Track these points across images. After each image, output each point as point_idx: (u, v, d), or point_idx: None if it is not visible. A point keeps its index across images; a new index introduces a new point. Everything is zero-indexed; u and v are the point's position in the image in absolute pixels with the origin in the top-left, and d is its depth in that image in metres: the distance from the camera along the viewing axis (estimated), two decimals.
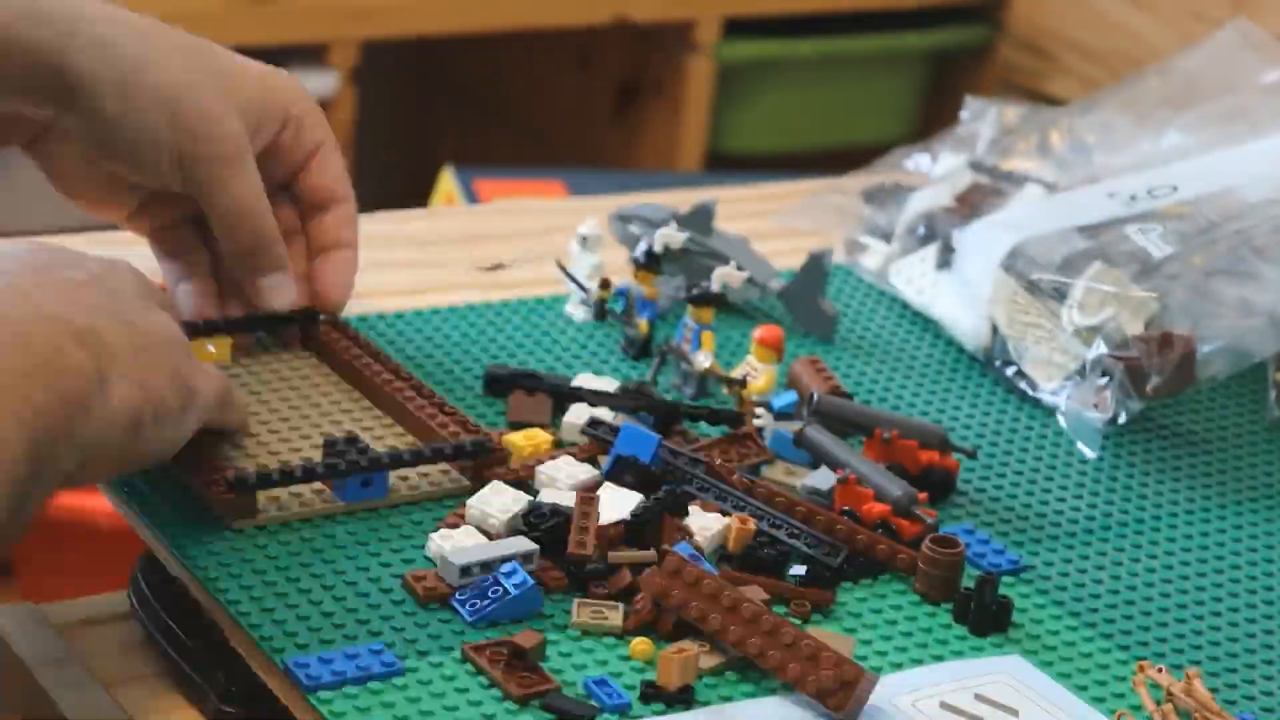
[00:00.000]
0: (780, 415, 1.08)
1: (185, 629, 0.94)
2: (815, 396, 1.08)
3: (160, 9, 2.31)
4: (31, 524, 0.82)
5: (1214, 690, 0.93)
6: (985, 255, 1.22)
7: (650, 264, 1.18)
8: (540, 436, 1.04)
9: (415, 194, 2.78)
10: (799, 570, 0.95)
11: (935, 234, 1.28)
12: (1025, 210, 1.27)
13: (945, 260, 1.26)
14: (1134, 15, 2.66)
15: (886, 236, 1.33)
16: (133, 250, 1.08)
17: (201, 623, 0.93)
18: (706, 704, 0.87)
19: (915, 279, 1.27)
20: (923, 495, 1.01)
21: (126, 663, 0.95)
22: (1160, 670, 0.92)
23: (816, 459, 1.05)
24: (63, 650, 0.95)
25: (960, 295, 1.23)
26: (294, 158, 1.08)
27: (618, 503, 0.96)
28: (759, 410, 1.08)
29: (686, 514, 0.97)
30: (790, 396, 1.09)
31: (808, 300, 1.24)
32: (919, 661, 0.92)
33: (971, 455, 1.08)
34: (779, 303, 1.26)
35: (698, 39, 2.70)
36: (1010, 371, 1.19)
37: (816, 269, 1.23)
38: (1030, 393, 1.17)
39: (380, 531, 0.97)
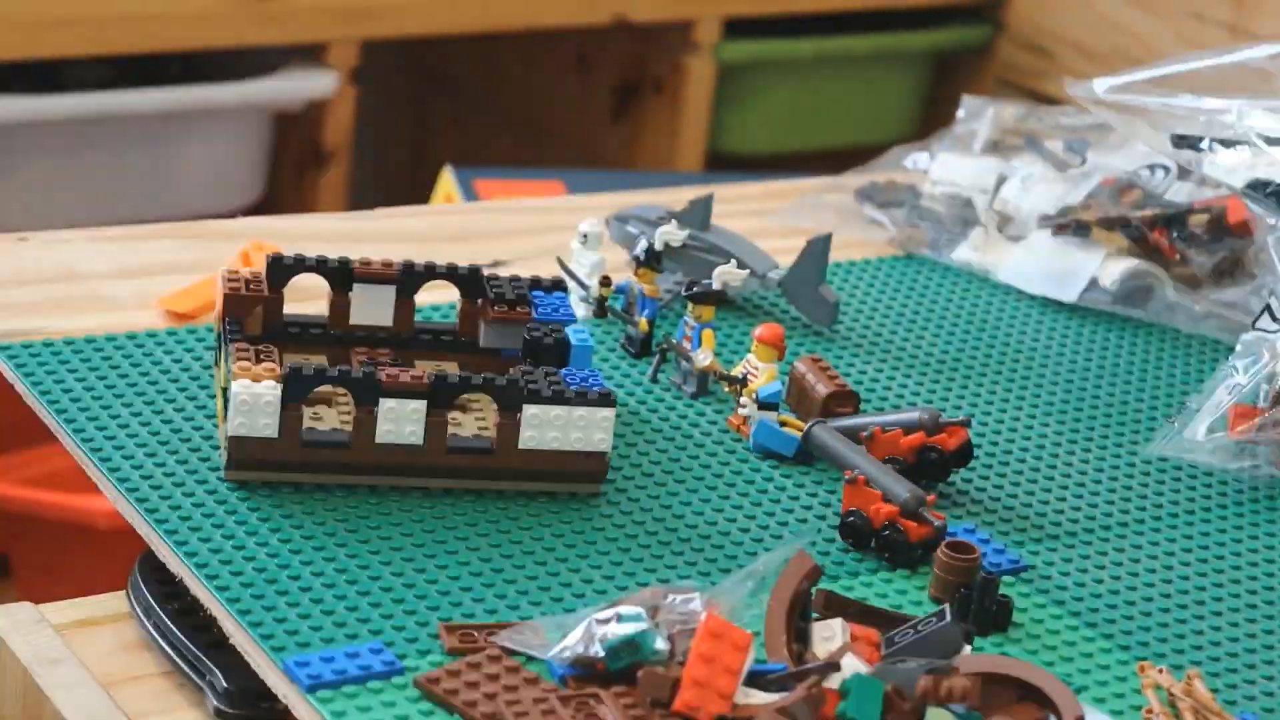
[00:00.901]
0: (765, 404, 1.08)
1: (184, 629, 0.94)
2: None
3: (160, 9, 2.32)
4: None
5: (1214, 690, 0.93)
6: None
7: (651, 262, 1.18)
8: None
9: (415, 194, 2.78)
10: None
11: None
12: None
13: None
14: (1134, 15, 2.66)
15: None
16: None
17: (200, 622, 0.93)
18: None
19: None
20: (930, 497, 1.01)
21: (125, 663, 0.95)
22: (1161, 670, 0.92)
23: (825, 459, 1.05)
24: (61, 650, 0.95)
25: None
26: None
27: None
28: (744, 400, 1.09)
29: None
30: (775, 386, 1.09)
31: (807, 287, 1.24)
32: None
33: (966, 424, 1.08)
34: (779, 295, 1.26)
35: (698, 39, 2.69)
36: None
37: (815, 255, 1.24)
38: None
39: (380, 530, 0.97)
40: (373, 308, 1.07)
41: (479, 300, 1.08)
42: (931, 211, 1.40)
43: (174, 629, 0.94)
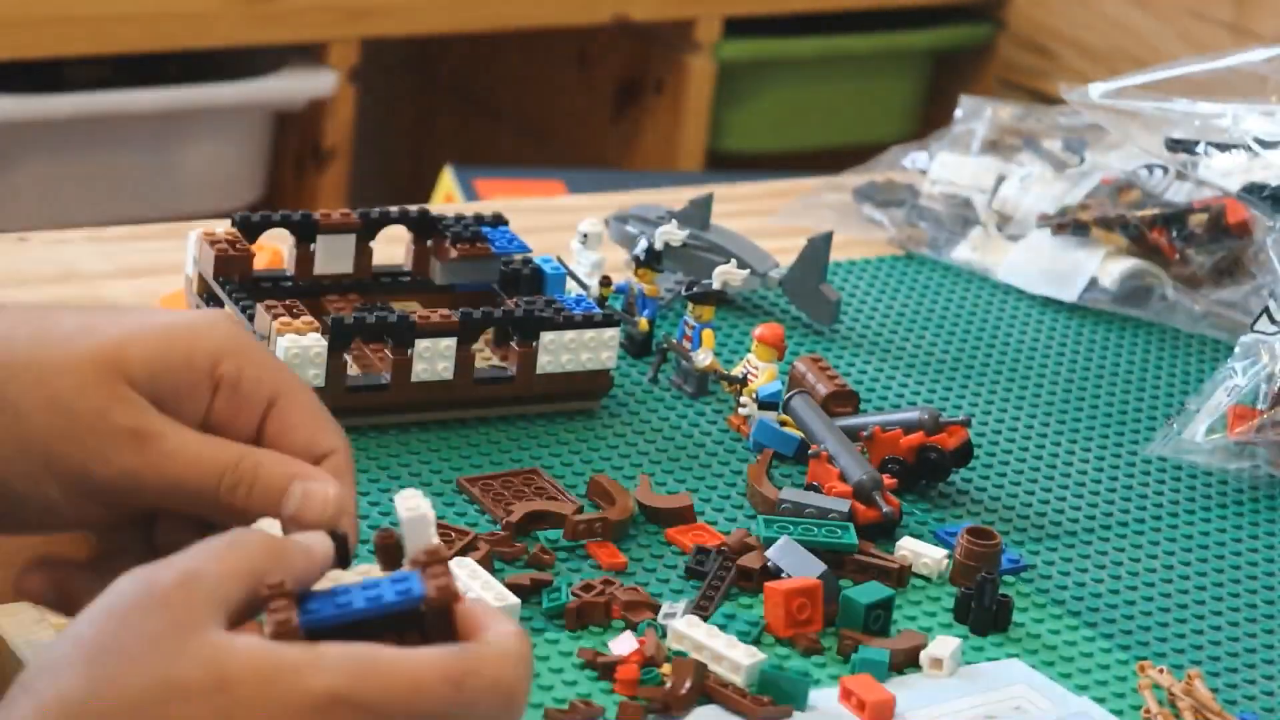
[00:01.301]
0: (765, 404, 1.08)
1: None
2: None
3: (159, 8, 2.32)
4: None
5: (1214, 690, 0.93)
6: None
7: (650, 262, 1.18)
8: None
9: (416, 193, 2.78)
10: None
11: None
12: None
13: None
14: (1135, 14, 2.66)
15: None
16: None
17: None
18: None
19: None
20: (890, 481, 1.02)
21: None
22: (1161, 671, 0.92)
23: (801, 429, 1.07)
24: None
25: None
26: (243, 425, 0.81)
27: None
28: (744, 400, 1.09)
29: None
30: (775, 385, 1.09)
31: (808, 286, 1.24)
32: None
33: (966, 424, 1.08)
34: (779, 294, 1.26)
35: (698, 39, 2.69)
36: None
37: (816, 254, 1.24)
38: None
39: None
40: (335, 256, 1.12)
41: (429, 241, 1.14)
42: (931, 211, 1.41)
43: None
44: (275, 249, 1.17)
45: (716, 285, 1.14)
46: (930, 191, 1.41)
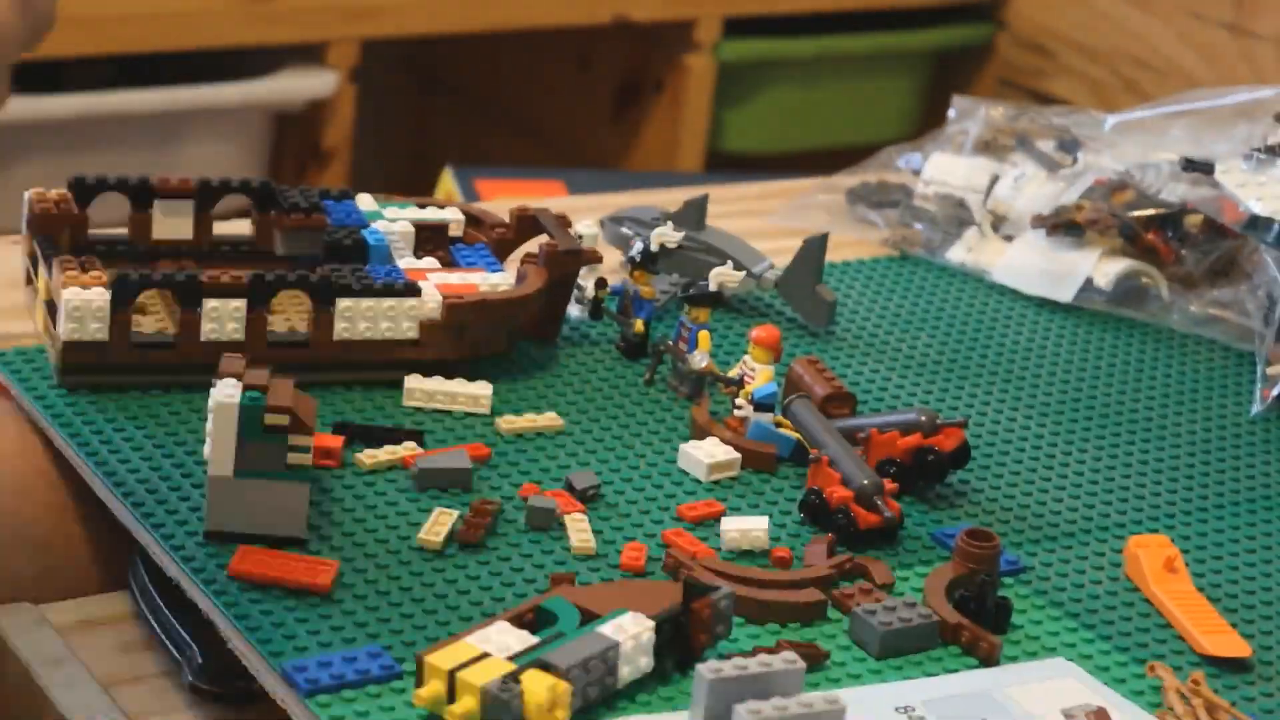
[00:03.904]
0: (761, 405, 1.08)
1: (173, 607, 0.94)
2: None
3: (159, 8, 2.32)
4: None
5: (1214, 690, 0.93)
6: None
7: (646, 263, 1.18)
8: None
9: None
10: None
11: None
12: None
13: None
14: (1134, 15, 2.66)
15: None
16: None
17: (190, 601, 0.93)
18: None
19: None
20: (891, 485, 1.02)
21: (127, 663, 0.95)
22: (1168, 671, 0.93)
23: (801, 434, 1.07)
24: (63, 650, 0.95)
25: None
26: None
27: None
28: (739, 401, 1.09)
29: None
30: (770, 387, 1.09)
31: (804, 288, 1.24)
32: (918, 664, 0.92)
33: (963, 425, 1.08)
34: (775, 295, 1.26)
35: (698, 39, 2.69)
36: None
37: (811, 256, 1.24)
38: None
39: (377, 532, 0.97)
40: (173, 222, 1.12)
41: (272, 211, 1.14)
42: (925, 212, 1.41)
43: (162, 606, 0.95)
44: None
45: (713, 287, 1.15)
46: (924, 192, 1.41)
